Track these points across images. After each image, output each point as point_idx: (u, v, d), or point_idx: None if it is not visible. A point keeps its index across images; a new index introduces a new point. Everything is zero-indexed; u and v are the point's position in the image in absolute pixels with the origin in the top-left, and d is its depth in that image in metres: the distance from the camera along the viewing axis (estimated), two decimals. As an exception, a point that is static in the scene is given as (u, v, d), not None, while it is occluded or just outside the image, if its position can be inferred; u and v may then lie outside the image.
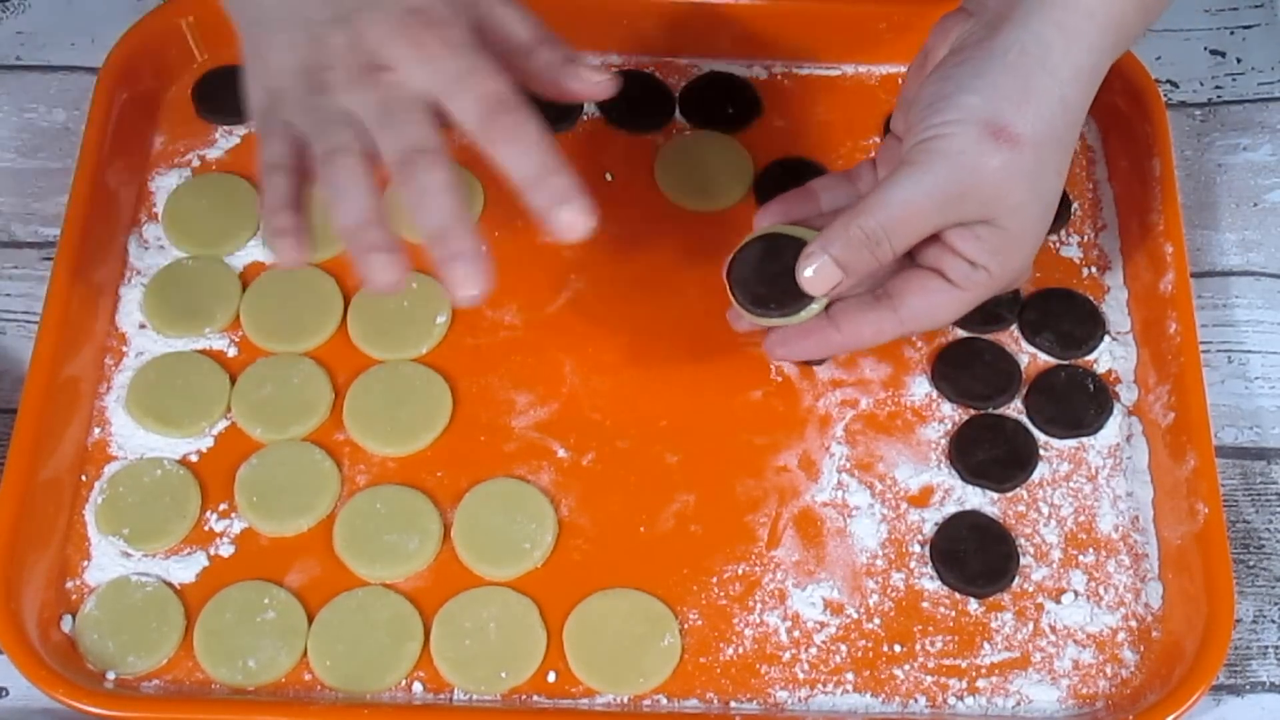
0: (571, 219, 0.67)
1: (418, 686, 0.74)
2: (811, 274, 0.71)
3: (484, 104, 0.67)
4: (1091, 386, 0.82)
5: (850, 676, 0.75)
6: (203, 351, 0.83)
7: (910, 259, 0.74)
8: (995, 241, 0.71)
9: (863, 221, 0.70)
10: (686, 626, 0.76)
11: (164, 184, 0.88)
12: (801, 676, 0.75)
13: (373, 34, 0.68)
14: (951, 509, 0.79)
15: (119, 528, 0.77)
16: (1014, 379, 0.82)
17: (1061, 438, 0.81)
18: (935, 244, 0.72)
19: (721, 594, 0.77)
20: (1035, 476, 0.80)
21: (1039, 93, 0.69)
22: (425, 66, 0.68)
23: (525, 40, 0.71)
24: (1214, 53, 0.96)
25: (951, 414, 0.82)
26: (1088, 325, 0.84)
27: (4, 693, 0.75)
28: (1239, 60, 0.96)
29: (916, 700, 0.74)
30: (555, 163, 0.67)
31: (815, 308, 0.73)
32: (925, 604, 0.77)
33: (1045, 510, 0.79)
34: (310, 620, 0.75)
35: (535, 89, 0.71)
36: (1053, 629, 0.76)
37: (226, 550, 0.77)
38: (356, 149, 0.68)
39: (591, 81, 0.72)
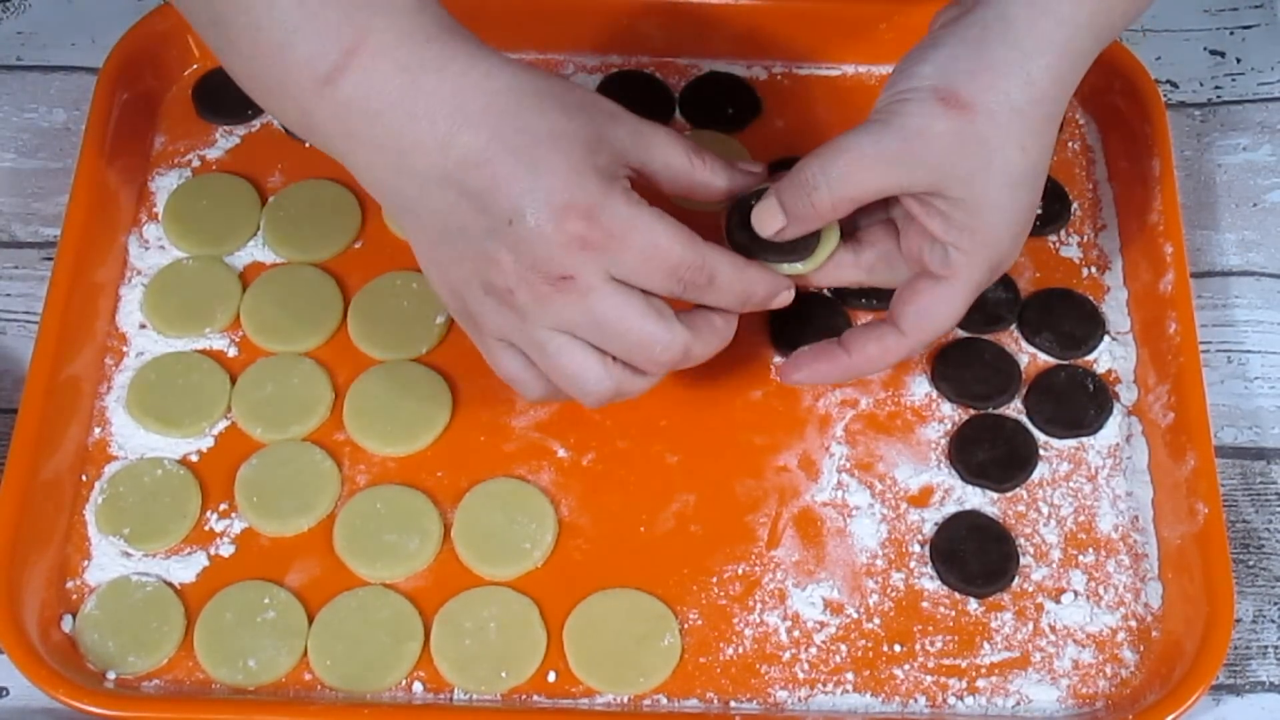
0: (780, 305, 0.74)
1: (418, 686, 0.74)
2: (763, 218, 0.72)
3: (674, 278, 0.69)
4: (1091, 386, 0.82)
5: (850, 676, 0.75)
6: (203, 351, 0.83)
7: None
8: (958, 216, 0.71)
9: (804, 164, 0.71)
10: (686, 626, 0.76)
11: (164, 184, 0.88)
12: (801, 676, 0.75)
13: (538, 248, 0.67)
14: (951, 509, 0.79)
15: (119, 528, 0.77)
16: (1014, 379, 0.82)
17: (1061, 438, 0.81)
18: (910, 231, 0.73)
19: (721, 594, 0.77)
20: (1035, 476, 0.80)
21: (996, 64, 0.70)
22: (602, 262, 0.68)
23: (682, 163, 0.72)
24: (1214, 53, 0.96)
25: (951, 414, 0.82)
26: (1088, 325, 0.84)
27: (4, 693, 0.75)
28: (1239, 60, 0.96)
29: (916, 700, 0.74)
30: (750, 283, 0.72)
31: (821, 255, 0.75)
32: (925, 604, 0.77)
33: (1045, 510, 0.79)
34: (310, 620, 0.75)
35: (701, 198, 0.74)
36: (1053, 629, 0.76)
37: (227, 550, 0.77)
38: (580, 361, 0.70)
39: (755, 170, 0.75)
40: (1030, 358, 0.83)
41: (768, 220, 0.72)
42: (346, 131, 0.68)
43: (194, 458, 0.80)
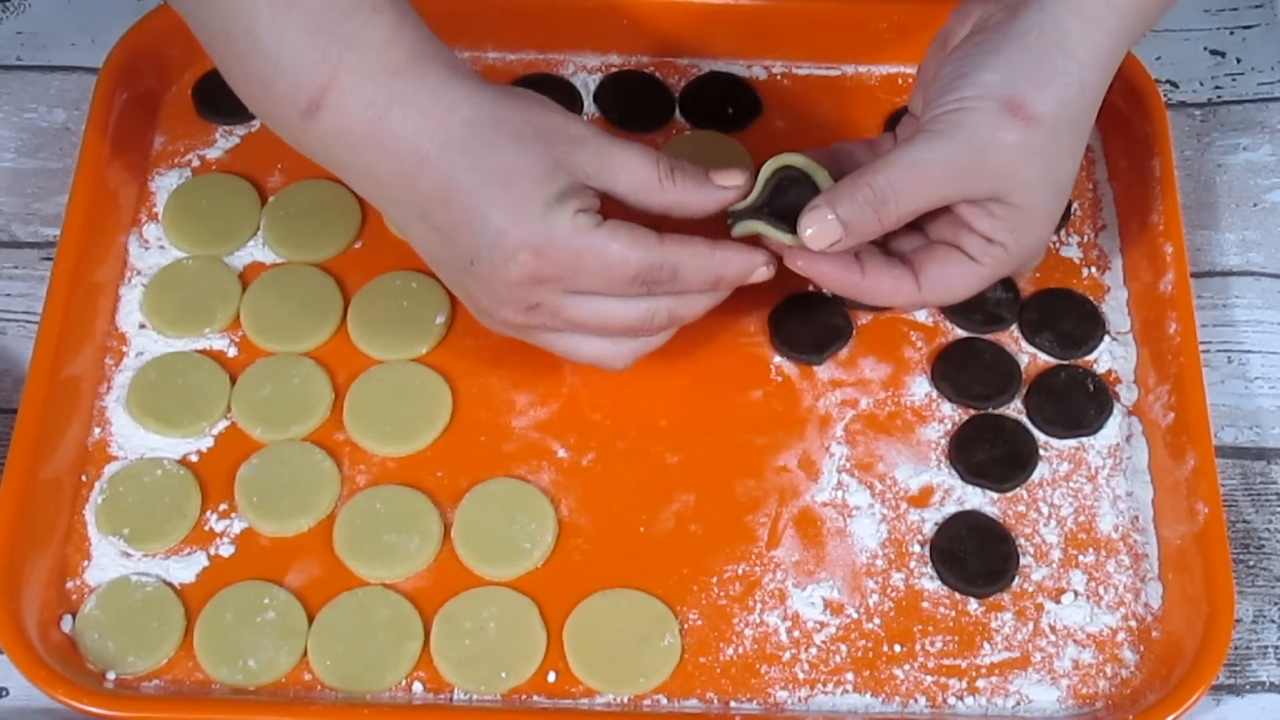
0: (758, 280, 0.74)
1: (418, 686, 0.74)
2: (813, 232, 0.71)
3: (636, 284, 0.71)
4: (1091, 386, 0.82)
5: (850, 676, 0.75)
6: (203, 351, 0.83)
7: (927, 236, 0.75)
8: (1010, 219, 0.71)
9: (871, 179, 0.70)
10: (686, 626, 0.76)
11: (164, 184, 0.88)
12: (801, 676, 0.75)
13: (498, 287, 0.70)
14: (951, 509, 0.79)
15: (119, 528, 0.77)
16: (1014, 379, 0.82)
17: (1061, 438, 0.81)
18: (951, 221, 0.73)
19: (721, 594, 0.77)
20: (1035, 476, 0.80)
21: (1057, 74, 0.70)
22: (561, 286, 0.70)
23: (652, 185, 0.71)
24: (1214, 53, 0.96)
25: (951, 414, 0.82)
26: (1088, 325, 0.84)
27: (4, 693, 0.75)
28: (1239, 60, 0.96)
29: (916, 700, 0.74)
30: (718, 265, 0.72)
31: None
32: (925, 604, 0.77)
33: (1045, 510, 0.79)
34: (310, 620, 0.75)
35: (678, 216, 0.72)
36: (1053, 629, 0.76)
37: (226, 550, 0.77)
38: (586, 349, 0.74)
39: (733, 184, 0.73)
40: (1030, 358, 0.83)
41: (823, 235, 0.71)
42: (334, 160, 0.71)
43: (194, 458, 0.80)
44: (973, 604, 0.77)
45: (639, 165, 0.71)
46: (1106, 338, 0.84)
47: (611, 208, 0.71)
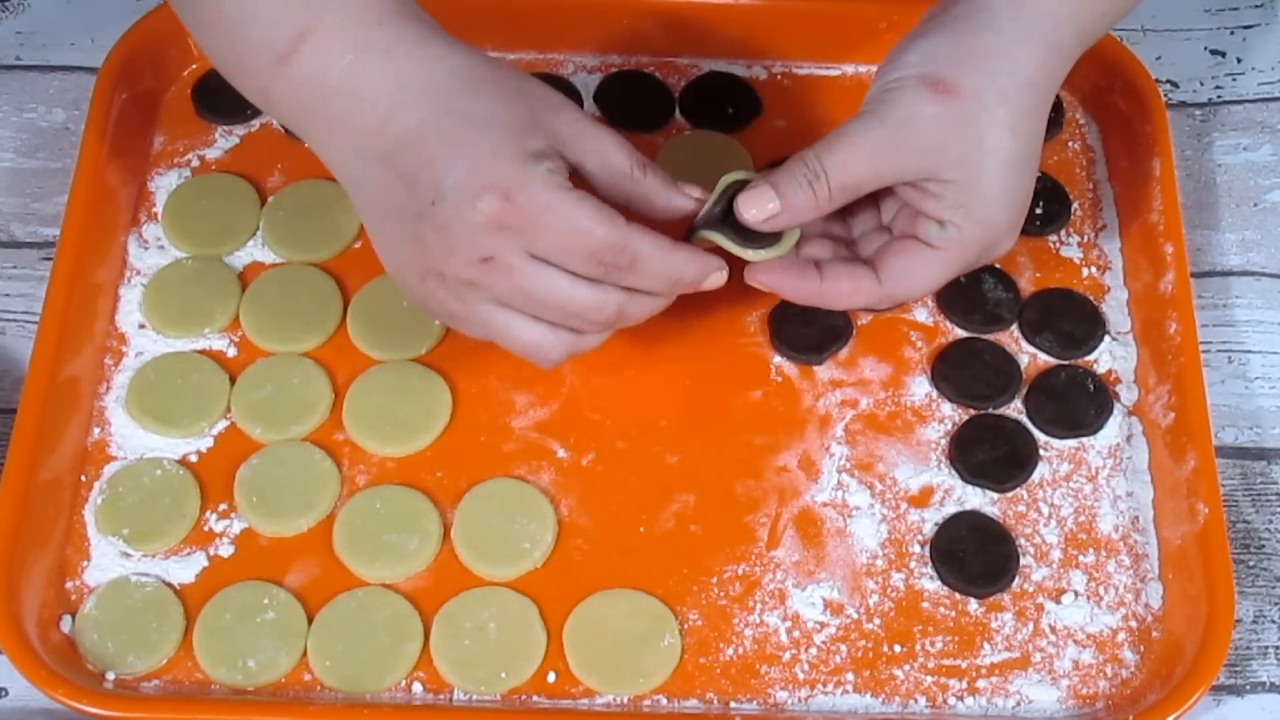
0: (711, 287, 0.73)
1: (418, 686, 0.74)
2: (753, 206, 0.72)
3: (594, 260, 0.69)
4: (1091, 386, 0.82)
5: (850, 677, 0.75)
6: (202, 351, 0.83)
7: (891, 235, 0.76)
8: (951, 196, 0.72)
9: (804, 156, 0.72)
10: (686, 626, 0.76)
11: (164, 184, 0.88)
12: (801, 677, 0.75)
13: (457, 230, 0.68)
14: (951, 509, 0.79)
15: (119, 528, 0.77)
16: (1014, 379, 0.82)
17: (1061, 438, 0.81)
18: (907, 213, 0.74)
19: (721, 594, 0.77)
20: (1035, 476, 0.80)
21: (981, 50, 0.71)
22: (521, 242, 0.68)
23: (623, 171, 0.71)
24: (1214, 53, 0.96)
25: (951, 414, 0.82)
26: (1088, 325, 0.84)
27: (4, 693, 0.75)
28: (1239, 60, 0.96)
29: (916, 700, 0.74)
30: (678, 266, 0.71)
31: (789, 243, 0.74)
32: (925, 604, 0.77)
33: (1045, 510, 0.79)
34: (310, 620, 0.75)
35: (638, 211, 0.72)
36: (1053, 629, 0.76)
37: (226, 550, 0.77)
38: (524, 333, 0.71)
39: (700, 197, 0.74)
40: (1030, 358, 0.83)
41: (760, 206, 0.72)
42: (302, 110, 0.70)
43: (193, 458, 0.80)
44: (973, 604, 0.77)
45: (615, 149, 0.71)
46: (1107, 338, 0.84)
47: (577, 185, 0.70)
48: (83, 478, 0.79)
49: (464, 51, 0.70)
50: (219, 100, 0.90)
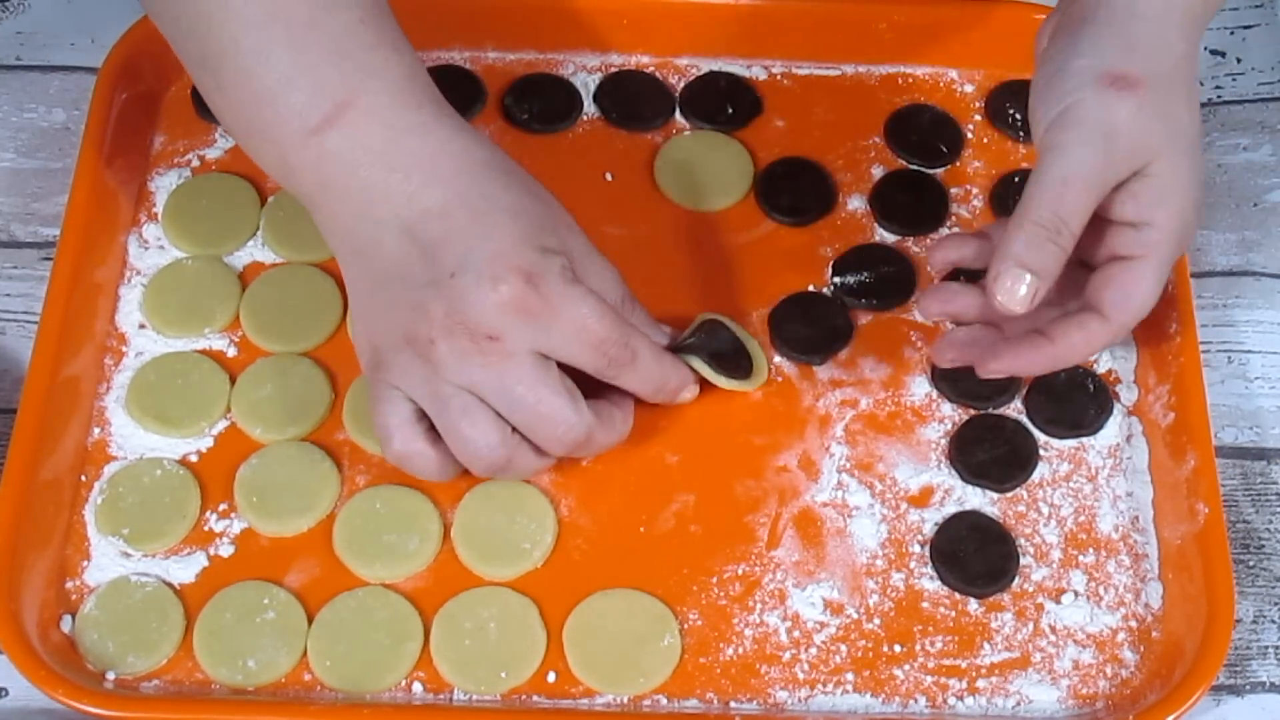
0: (683, 401, 0.78)
1: (418, 687, 0.74)
2: (1019, 293, 0.71)
3: (600, 353, 0.72)
4: (1091, 386, 0.82)
5: (850, 676, 0.75)
6: (202, 351, 0.83)
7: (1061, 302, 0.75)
8: (1150, 193, 0.72)
9: (1035, 216, 0.70)
10: (686, 626, 0.76)
11: (164, 184, 0.88)
12: (801, 676, 0.75)
13: (474, 302, 0.69)
14: (951, 509, 0.79)
15: (119, 528, 0.77)
16: (1014, 379, 0.82)
17: (1061, 438, 0.81)
18: (1097, 235, 0.73)
19: (721, 594, 0.77)
20: (1035, 476, 0.80)
21: (1138, 38, 0.72)
22: (532, 331, 0.70)
23: (617, 298, 0.74)
24: (1214, 53, 0.96)
25: (951, 414, 0.82)
26: (1088, 325, 0.84)
27: (4, 693, 0.75)
28: (1239, 60, 0.96)
29: (916, 700, 0.74)
30: (664, 372, 0.76)
31: (755, 381, 0.80)
32: (925, 604, 0.77)
33: (1045, 510, 0.79)
34: (310, 620, 0.75)
35: None
36: (1053, 629, 0.76)
37: (226, 550, 0.77)
38: (481, 425, 0.71)
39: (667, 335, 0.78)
40: (1030, 358, 0.83)
41: (1028, 290, 0.71)
42: (322, 179, 0.71)
43: (193, 458, 0.80)
44: (973, 604, 0.77)
45: (612, 278, 0.74)
46: (1107, 338, 0.84)
47: None
48: (83, 478, 0.79)
49: (494, 147, 0.73)
50: (219, 100, 0.90)
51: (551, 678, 0.74)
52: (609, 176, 0.89)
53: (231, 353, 0.83)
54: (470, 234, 0.69)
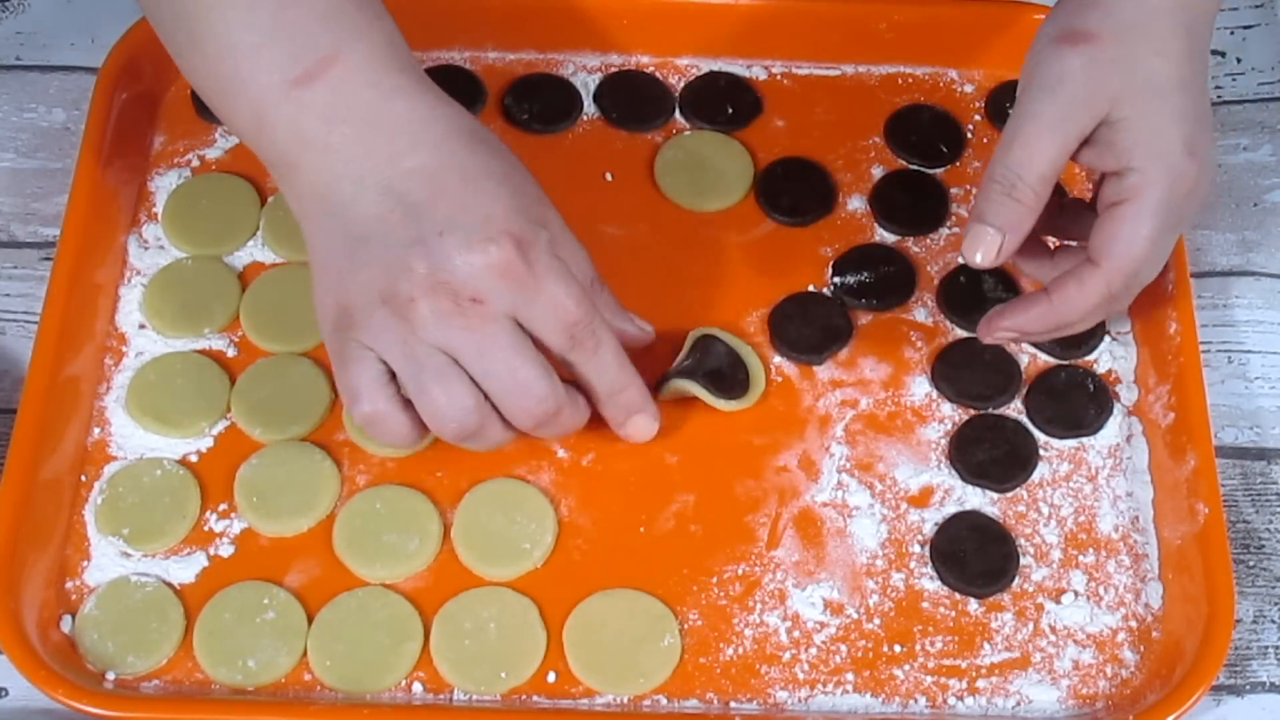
0: (638, 428, 0.77)
1: (418, 687, 0.74)
2: (977, 248, 0.74)
3: (569, 334, 0.71)
4: (1091, 386, 0.82)
5: (850, 676, 0.75)
6: (202, 351, 0.83)
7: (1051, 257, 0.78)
8: (1121, 138, 0.72)
9: (990, 173, 0.73)
10: (686, 626, 0.76)
11: (164, 184, 0.88)
12: (801, 676, 0.75)
13: (460, 263, 0.68)
14: (951, 509, 0.79)
15: (119, 528, 0.77)
16: (1014, 379, 0.82)
17: (1061, 438, 0.81)
18: (1078, 200, 0.76)
19: (721, 594, 0.77)
20: (1035, 476, 0.80)
21: None
22: (514, 297, 0.69)
23: (587, 278, 0.73)
24: (1214, 53, 0.95)
25: (951, 414, 0.82)
26: (1088, 325, 0.84)
27: (4, 693, 0.75)
28: (1239, 60, 0.96)
29: (916, 700, 0.74)
30: (626, 379, 0.74)
31: (750, 399, 0.80)
32: (925, 604, 0.77)
33: (1045, 510, 0.79)
34: (310, 620, 0.75)
35: None
36: (1053, 629, 0.76)
37: (226, 550, 0.77)
38: (455, 389, 0.70)
39: (645, 329, 0.77)
40: (1030, 358, 0.83)
41: (985, 246, 0.73)
42: (299, 134, 0.69)
43: (193, 458, 0.80)
44: (973, 604, 0.77)
45: (584, 259, 0.73)
46: (1106, 338, 0.84)
47: None
48: (83, 478, 0.79)
49: (476, 119, 0.72)
50: (219, 100, 0.90)
51: (551, 678, 0.74)
52: (609, 176, 0.89)
53: (231, 353, 0.83)
54: (462, 196, 0.69)
